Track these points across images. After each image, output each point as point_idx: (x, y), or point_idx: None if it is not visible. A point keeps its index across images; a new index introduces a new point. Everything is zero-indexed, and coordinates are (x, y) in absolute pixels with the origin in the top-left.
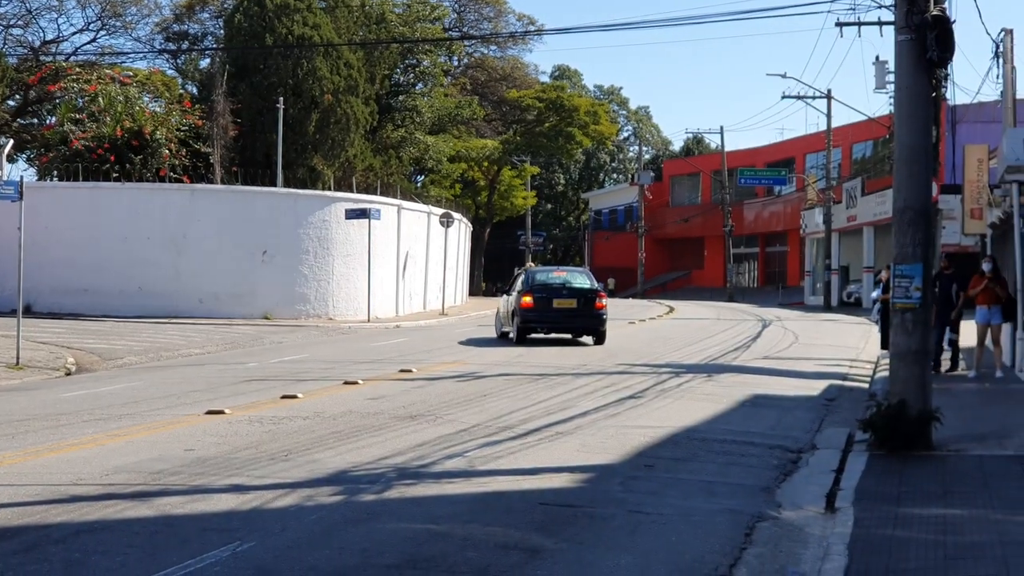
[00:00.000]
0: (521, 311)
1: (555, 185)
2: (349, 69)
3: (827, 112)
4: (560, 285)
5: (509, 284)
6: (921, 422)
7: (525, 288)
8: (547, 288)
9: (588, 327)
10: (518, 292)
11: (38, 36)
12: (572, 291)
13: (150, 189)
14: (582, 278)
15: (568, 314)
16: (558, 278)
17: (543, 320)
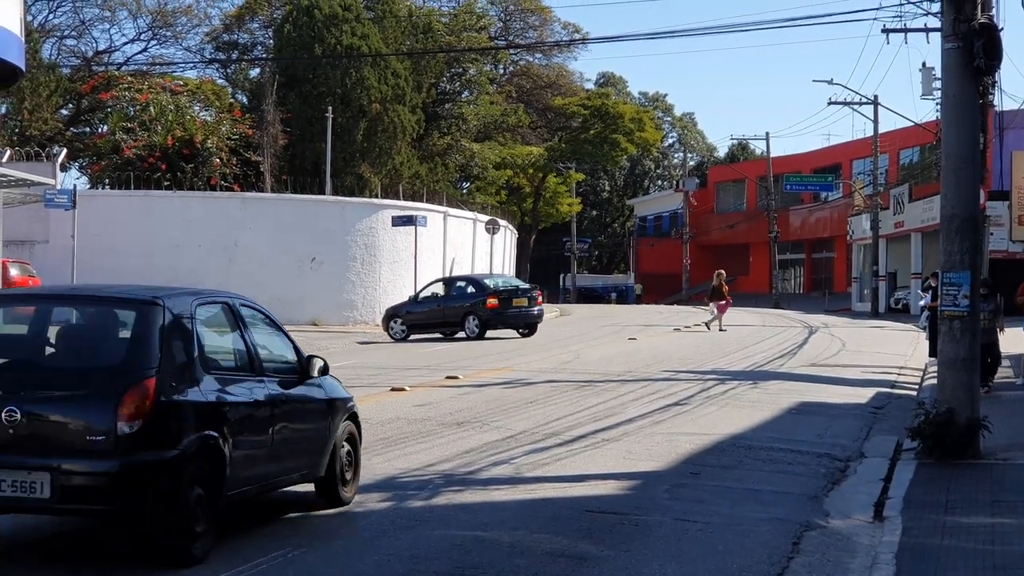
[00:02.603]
0: (487, 310)
1: (600, 192)
2: (396, 78)
3: (874, 118)
4: (514, 288)
5: (417, 293)
6: (969, 430)
7: (488, 292)
8: (507, 291)
9: (536, 321)
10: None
11: (91, 46)
12: (523, 292)
13: (201, 197)
14: (517, 281)
15: (523, 311)
16: (509, 282)
17: (505, 317)
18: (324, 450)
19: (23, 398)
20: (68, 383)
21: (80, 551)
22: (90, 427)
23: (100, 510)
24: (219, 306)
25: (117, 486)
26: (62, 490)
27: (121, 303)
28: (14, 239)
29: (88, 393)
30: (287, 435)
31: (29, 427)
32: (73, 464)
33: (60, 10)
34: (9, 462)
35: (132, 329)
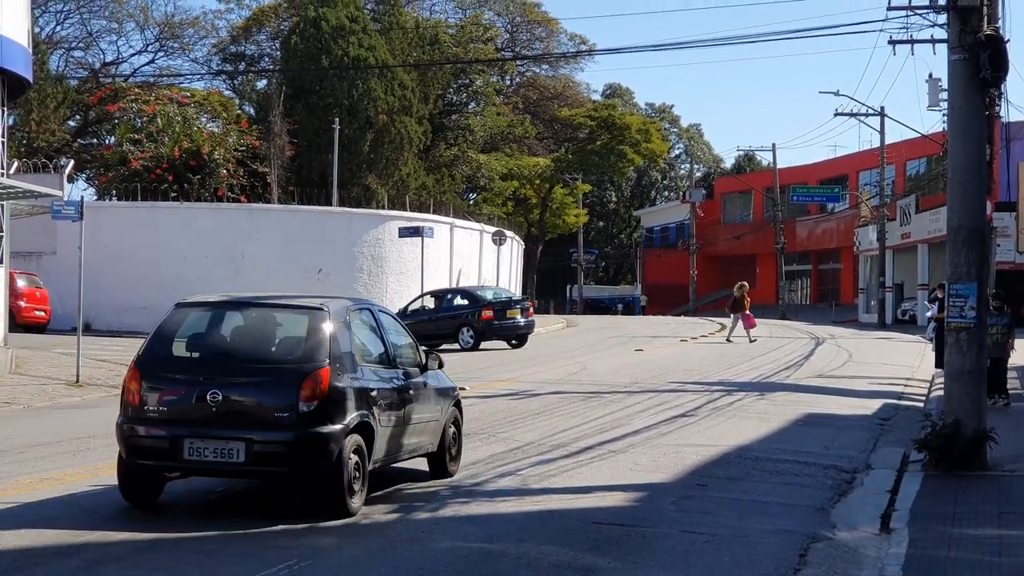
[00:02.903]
0: (482, 322)
1: (607, 203)
2: (403, 89)
3: (880, 129)
4: (507, 299)
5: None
6: (976, 442)
7: (483, 304)
8: (500, 303)
9: (528, 333)
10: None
11: (98, 58)
12: (516, 303)
13: (208, 208)
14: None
15: (516, 323)
16: (501, 293)
17: (499, 329)
18: (438, 430)
19: (223, 383)
20: (259, 372)
21: (254, 506)
22: (277, 406)
23: (282, 472)
24: (365, 311)
25: (297, 453)
26: (254, 456)
27: (297, 309)
28: (22, 251)
29: (276, 379)
30: (413, 416)
31: (227, 406)
32: (262, 435)
33: (67, 22)
34: (212, 434)
35: (307, 329)
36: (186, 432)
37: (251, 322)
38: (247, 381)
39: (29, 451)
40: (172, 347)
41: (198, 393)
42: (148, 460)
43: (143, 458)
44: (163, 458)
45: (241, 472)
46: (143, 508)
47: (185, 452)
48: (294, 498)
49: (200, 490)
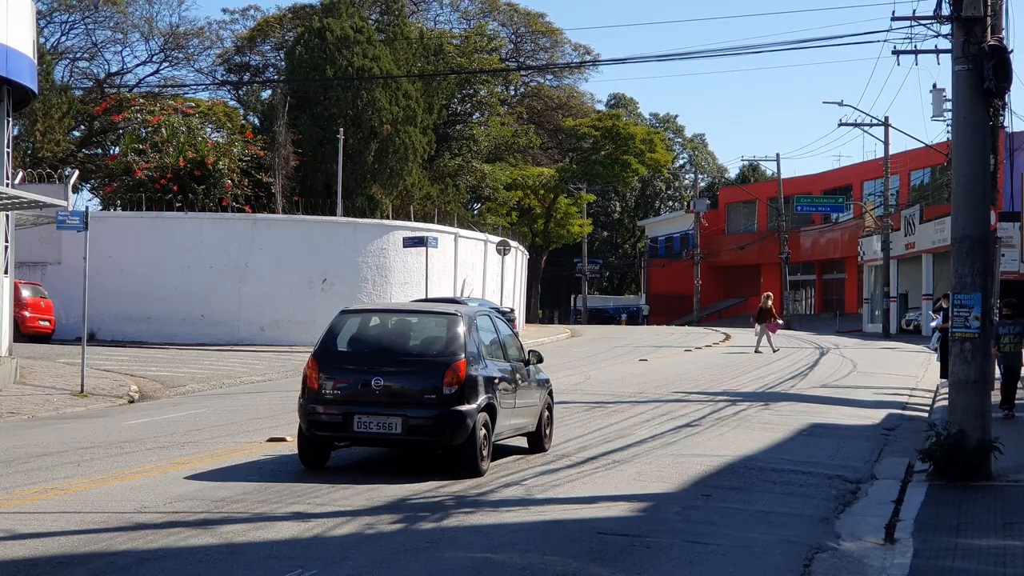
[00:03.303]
0: None
1: (611, 213)
2: (408, 100)
3: (884, 139)
4: (495, 307)
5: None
6: (980, 452)
7: None
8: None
9: None
10: None
11: (103, 68)
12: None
13: (212, 218)
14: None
15: None
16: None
17: None
18: (536, 413)
19: (383, 372)
20: (411, 363)
21: (405, 469)
22: (426, 389)
23: (430, 441)
24: (485, 316)
25: (442, 426)
26: (408, 428)
27: (436, 314)
28: (26, 261)
29: (425, 369)
30: (520, 401)
31: (387, 390)
32: (415, 412)
33: (72, 32)
34: (376, 411)
35: (446, 330)
36: (356, 410)
37: (401, 325)
38: (402, 370)
39: (33, 461)
40: (341, 344)
41: (364, 380)
42: (325, 432)
43: (321, 431)
44: (337, 430)
45: (398, 442)
46: (315, 469)
47: (355, 426)
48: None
49: (209, 498)
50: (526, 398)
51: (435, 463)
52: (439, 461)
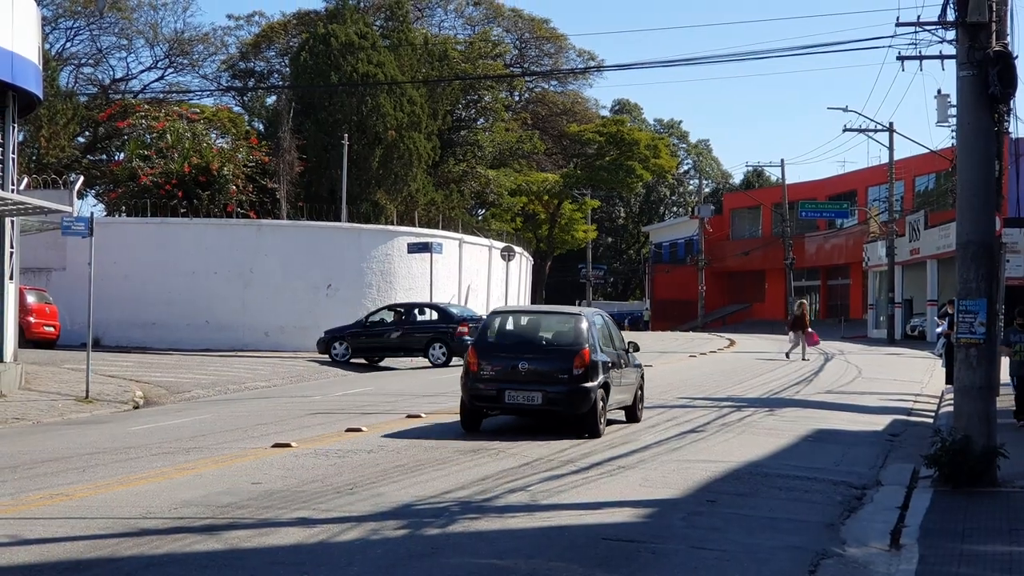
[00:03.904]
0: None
1: (615, 218)
2: (412, 105)
3: (889, 145)
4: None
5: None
6: (986, 458)
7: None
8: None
9: None
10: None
11: (108, 74)
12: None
13: (217, 224)
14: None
15: None
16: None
17: None
18: (634, 390)
19: (527, 358)
20: (548, 351)
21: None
22: (560, 370)
23: (562, 410)
24: (599, 315)
25: (572, 399)
26: (547, 400)
27: (564, 314)
28: (31, 267)
29: (559, 355)
30: (623, 381)
31: (530, 371)
32: (552, 388)
33: (77, 39)
34: (522, 388)
35: (572, 326)
36: (506, 387)
37: (537, 322)
38: (541, 356)
39: (39, 467)
40: (491, 337)
41: (512, 364)
42: (482, 403)
43: (480, 402)
44: (492, 402)
45: (538, 411)
46: (473, 432)
47: (506, 399)
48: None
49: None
50: (627, 378)
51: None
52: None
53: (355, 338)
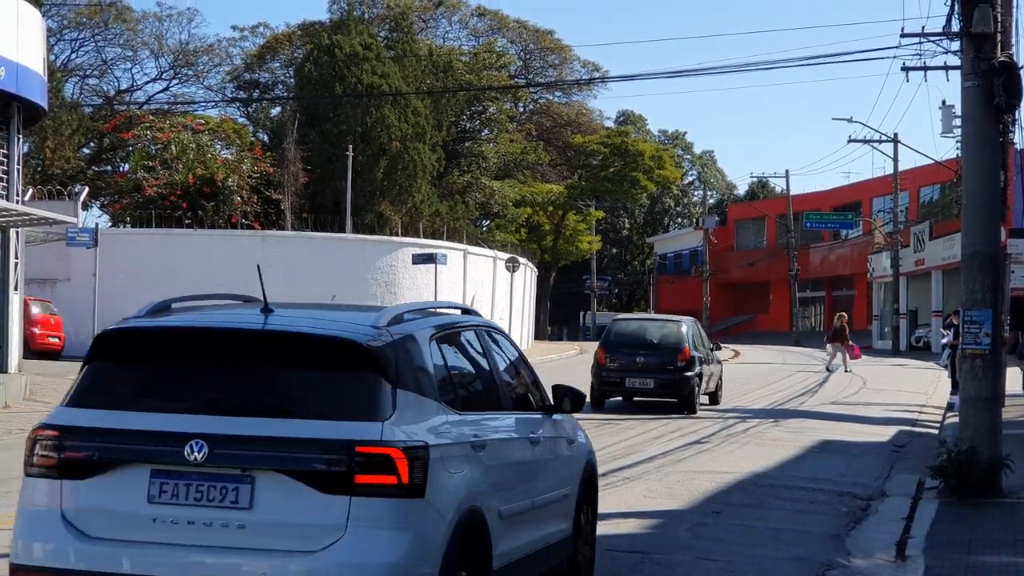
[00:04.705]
0: None
1: (620, 229)
2: (417, 116)
3: (894, 156)
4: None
5: None
6: (992, 469)
7: None
8: None
9: None
10: None
11: (113, 85)
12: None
13: (222, 235)
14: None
15: None
16: None
17: None
18: (716, 380)
19: (642, 353)
20: (658, 348)
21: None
22: (667, 363)
23: (669, 393)
24: (695, 323)
25: (677, 385)
26: (657, 386)
27: (669, 321)
28: (36, 277)
29: (667, 351)
30: (708, 370)
31: (645, 363)
32: (661, 377)
33: (82, 50)
34: (639, 376)
35: (676, 329)
36: (627, 375)
37: (647, 326)
38: (653, 352)
39: None
40: (613, 337)
41: (632, 358)
42: (608, 387)
43: (606, 387)
44: (615, 387)
45: (650, 393)
46: (599, 409)
47: (626, 384)
48: None
49: None
50: (711, 369)
51: None
52: None
53: None
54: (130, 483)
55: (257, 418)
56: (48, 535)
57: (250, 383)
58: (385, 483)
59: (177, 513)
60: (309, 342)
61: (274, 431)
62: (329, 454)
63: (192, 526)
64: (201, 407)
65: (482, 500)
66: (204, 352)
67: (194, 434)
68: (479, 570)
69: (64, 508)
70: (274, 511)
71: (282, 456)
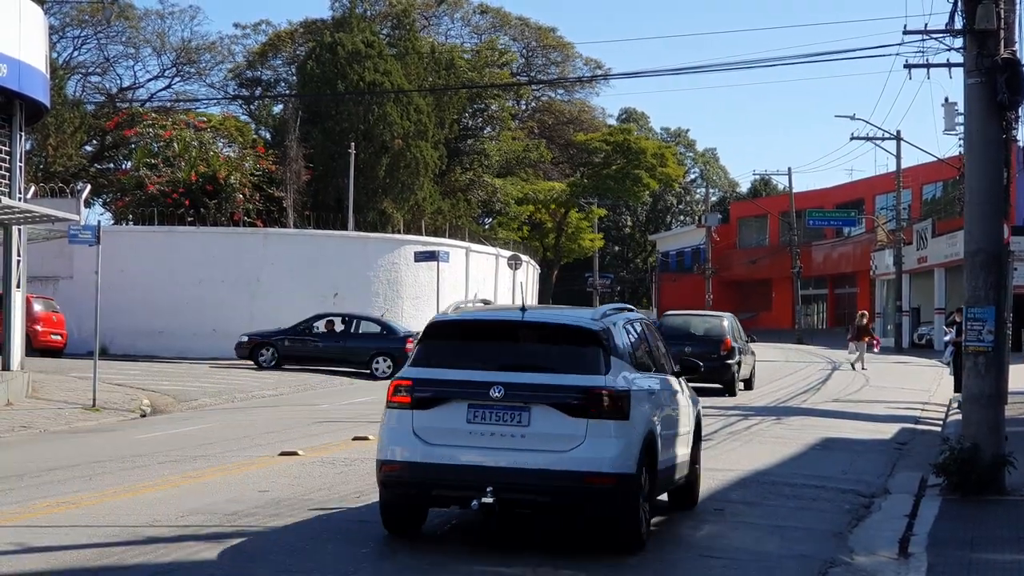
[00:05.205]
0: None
1: (622, 227)
2: (419, 114)
3: (896, 153)
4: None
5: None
6: (994, 466)
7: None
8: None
9: None
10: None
11: (115, 83)
12: None
13: (224, 233)
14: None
15: None
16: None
17: None
18: (751, 368)
19: (689, 344)
20: (703, 340)
21: None
22: (712, 352)
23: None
24: (734, 317)
25: (720, 368)
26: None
27: (712, 316)
28: (38, 275)
29: (711, 342)
30: (747, 361)
31: (692, 352)
32: (707, 363)
33: (85, 47)
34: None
35: (719, 323)
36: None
37: (691, 320)
38: (698, 343)
39: (45, 475)
40: (665, 330)
41: (680, 348)
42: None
43: None
44: None
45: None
46: None
47: None
48: None
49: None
50: (748, 359)
51: None
52: None
53: (287, 345)
54: (455, 412)
55: (531, 372)
56: (404, 443)
57: (524, 351)
58: (607, 411)
59: (484, 428)
60: (559, 328)
61: (542, 380)
62: (575, 394)
63: (493, 436)
64: (497, 366)
65: (653, 426)
66: (495, 334)
67: (495, 382)
68: (651, 469)
69: (414, 427)
70: (542, 427)
71: (547, 395)
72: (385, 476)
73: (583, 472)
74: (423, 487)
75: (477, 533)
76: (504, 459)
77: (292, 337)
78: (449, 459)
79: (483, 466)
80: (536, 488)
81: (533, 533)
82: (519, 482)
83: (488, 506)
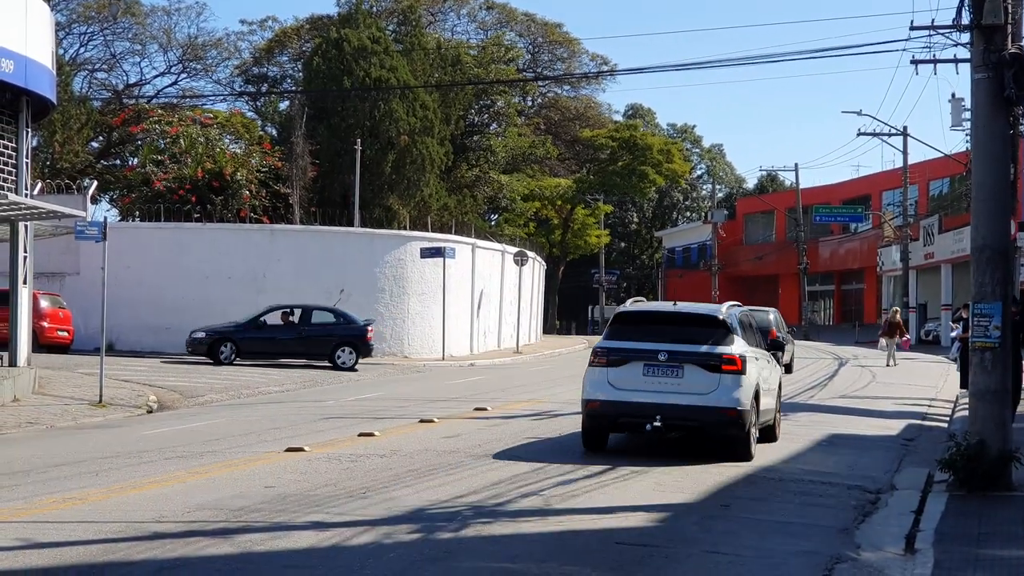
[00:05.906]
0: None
1: (628, 223)
2: (425, 110)
3: (903, 149)
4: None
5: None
6: (1001, 462)
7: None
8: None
9: None
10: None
11: (121, 79)
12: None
13: (231, 229)
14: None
15: None
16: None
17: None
18: (790, 356)
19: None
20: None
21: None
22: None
23: None
24: (776, 312)
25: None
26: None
27: (764, 310)
28: (45, 271)
29: (761, 332)
30: (788, 349)
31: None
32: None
33: (91, 44)
34: (782, 341)
35: (768, 317)
36: None
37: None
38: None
39: (52, 471)
40: None
41: None
42: None
43: None
44: None
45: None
46: None
47: None
48: None
49: (227, 508)
50: (789, 348)
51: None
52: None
53: (244, 340)
54: (635, 369)
55: (683, 344)
56: (601, 389)
57: (678, 331)
58: (733, 369)
59: (653, 379)
60: (699, 316)
61: (690, 349)
62: (712, 358)
63: (660, 384)
64: (661, 340)
65: (759, 380)
66: (658, 319)
67: (660, 350)
68: (757, 408)
69: (608, 379)
70: (691, 379)
71: (694, 358)
72: (589, 410)
73: (717, 407)
74: (613, 417)
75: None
76: (667, 399)
77: (249, 331)
78: (631, 398)
79: (654, 403)
80: (687, 417)
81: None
82: (677, 415)
83: (657, 428)
